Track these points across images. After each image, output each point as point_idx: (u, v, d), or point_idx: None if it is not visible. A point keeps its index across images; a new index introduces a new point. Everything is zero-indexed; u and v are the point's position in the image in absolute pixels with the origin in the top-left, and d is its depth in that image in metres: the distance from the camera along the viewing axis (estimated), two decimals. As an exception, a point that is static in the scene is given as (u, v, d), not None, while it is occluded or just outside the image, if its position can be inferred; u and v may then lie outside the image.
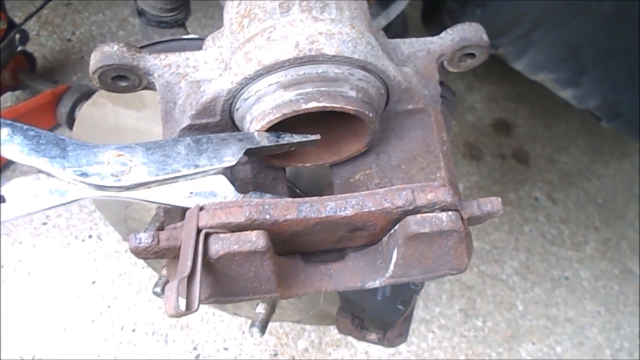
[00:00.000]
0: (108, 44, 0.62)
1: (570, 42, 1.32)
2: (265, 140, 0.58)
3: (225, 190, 0.58)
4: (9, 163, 1.77)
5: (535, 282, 1.96)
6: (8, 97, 1.90)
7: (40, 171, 0.55)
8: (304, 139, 0.59)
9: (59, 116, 1.79)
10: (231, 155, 0.57)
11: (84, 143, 0.56)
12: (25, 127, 0.55)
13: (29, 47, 1.85)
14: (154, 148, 0.57)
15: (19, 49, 1.73)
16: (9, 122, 0.55)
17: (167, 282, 0.99)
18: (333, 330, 1.67)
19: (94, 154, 0.55)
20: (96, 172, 0.55)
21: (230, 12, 0.63)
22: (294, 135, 0.59)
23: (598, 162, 2.32)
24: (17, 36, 1.67)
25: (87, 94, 1.80)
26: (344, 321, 1.02)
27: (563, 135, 2.35)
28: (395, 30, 1.36)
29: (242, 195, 0.57)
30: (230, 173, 0.61)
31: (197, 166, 0.56)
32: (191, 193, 0.57)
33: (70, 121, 1.79)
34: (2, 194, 0.53)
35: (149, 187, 0.56)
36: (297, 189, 0.82)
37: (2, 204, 0.53)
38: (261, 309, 0.97)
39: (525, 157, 2.26)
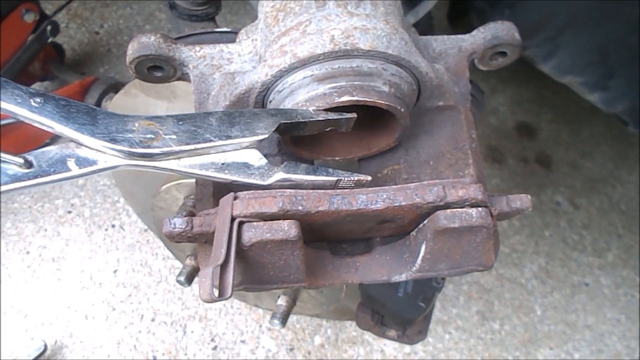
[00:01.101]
0: (145, 35, 0.64)
1: (599, 45, 1.30)
2: (299, 116, 0.56)
3: (258, 162, 0.56)
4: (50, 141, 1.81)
5: (555, 287, 1.94)
6: (37, 87, 1.94)
7: (71, 140, 0.54)
8: (340, 117, 0.57)
9: (86, 107, 1.82)
10: (264, 128, 0.56)
11: (114, 113, 0.55)
12: (57, 97, 0.55)
13: (58, 39, 1.89)
14: (185, 119, 0.56)
15: (50, 40, 1.77)
16: (41, 92, 0.55)
17: (191, 271, 1.01)
18: (349, 327, 1.68)
19: (124, 122, 0.55)
20: (125, 139, 0.54)
21: (265, 6, 0.64)
22: (329, 112, 0.57)
23: (622, 169, 2.29)
24: (48, 28, 1.71)
25: (113, 86, 1.84)
26: (364, 317, 1.03)
27: (587, 140, 2.32)
28: (421, 30, 1.36)
29: (275, 167, 0.56)
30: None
31: (228, 137, 0.55)
32: (223, 164, 0.56)
33: (97, 112, 1.82)
34: (29, 159, 0.53)
35: (178, 157, 0.55)
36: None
37: (30, 170, 0.52)
38: (282, 301, 0.98)
39: (548, 161, 2.24)
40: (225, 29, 0.84)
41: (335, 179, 0.56)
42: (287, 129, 0.57)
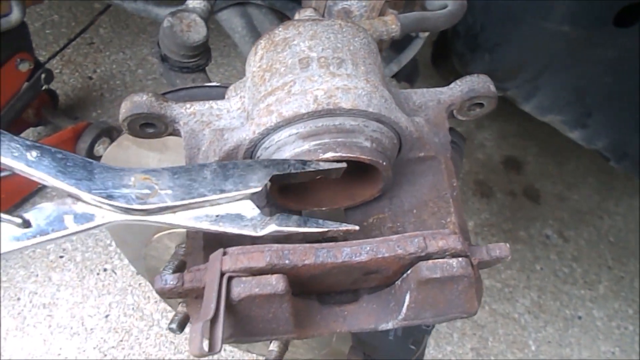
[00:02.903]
0: (138, 94, 0.66)
1: (577, 86, 1.36)
2: (291, 167, 0.58)
3: (251, 213, 0.58)
4: (38, 189, 1.82)
5: (548, 321, 1.94)
6: (30, 133, 1.97)
7: (68, 194, 0.55)
8: (330, 167, 0.59)
9: (78, 151, 1.85)
10: (257, 181, 0.57)
11: (110, 166, 0.57)
12: (53, 149, 0.56)
13: (52, 85, 1.93)
14: (180, 172, 0.57)
15: (44, 87, 1.80)
16: (37, 144, 0.56)
17: (183, 318, 1.01)
18: (344, 368, 1.67)
19: (120, 177, 0.56)
20: (122, 195, 0.55)
21: (252, 65, 0.67)
22: (320, 162, 0.59)
23: (609, 200, 2.32)
24: (43, 76, 1.74)
25: (106, 131, 1.87)
26: (355, 360, 1.03)
27: (573, 173, 2.36)
28: (407, 73, 1.41)
29: (268, 218, 0.58)
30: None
31: (222, 191, 0.57)
32: (217, 216, 0.57)
33: (89, 156, 1.85)
34: (27, 219, 0.54)
35: (174, 212, 0.57)
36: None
37: (29, 229, 0.53)
38: (274, 347, 0.99)
39: (535, 194, 2.27)
40: (215, 84, 0.88)
41: (326, 229, 0.59)
42: (279, 179, 0.59)
